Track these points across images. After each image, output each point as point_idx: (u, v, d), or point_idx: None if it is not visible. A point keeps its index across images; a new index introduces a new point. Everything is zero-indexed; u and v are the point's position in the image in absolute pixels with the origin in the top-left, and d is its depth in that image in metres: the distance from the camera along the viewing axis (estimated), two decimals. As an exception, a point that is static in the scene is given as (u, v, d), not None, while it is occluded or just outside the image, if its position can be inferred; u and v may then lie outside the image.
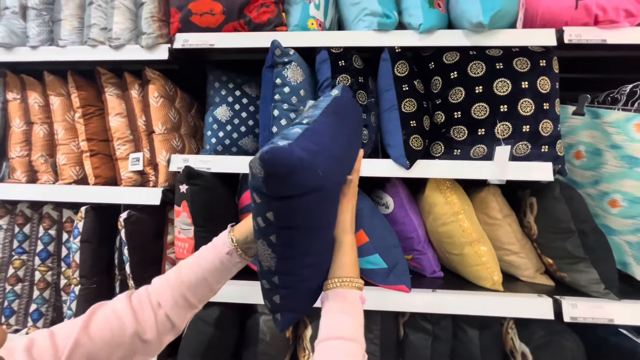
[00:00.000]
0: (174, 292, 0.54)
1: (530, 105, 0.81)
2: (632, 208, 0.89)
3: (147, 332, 0.50)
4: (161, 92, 1.01)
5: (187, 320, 0.57)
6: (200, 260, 0.58)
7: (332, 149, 0.50)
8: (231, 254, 0.58)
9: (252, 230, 0.57)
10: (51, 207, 1.03)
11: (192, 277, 0.56)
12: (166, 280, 0.56)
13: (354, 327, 0.50)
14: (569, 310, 0.81)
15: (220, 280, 0.59)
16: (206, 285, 0.57)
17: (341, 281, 0.53)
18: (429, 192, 0.93)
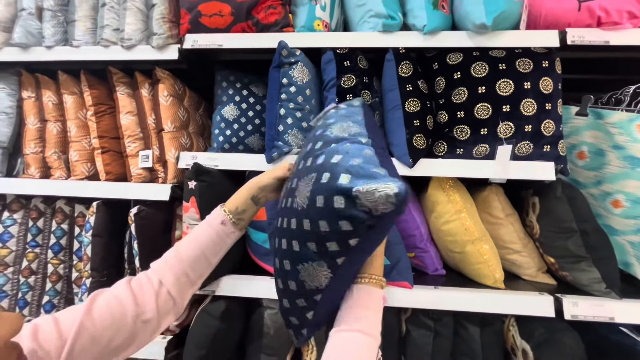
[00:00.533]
0: (174, 270, 0.58)
1: (533, 106, 0.82)
2: (635, 208, 0.89)
3: (147, 312, 0.53)
4: (170, 91, 1.04)
5: (187, 298, 0.61)
6: (197, 237, 0.62)
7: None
8: (225, 223, 0.63)
9: (241, 201, 0.65)
10: (64, 202, 1.06)
11: (190, 253, 0.60)
12: (165, 261, 0.59)
13: (373, 323, 0.51)
14: (570, 308, 0.82)
15: (217, 253, 0.63)
16: (204, 260, 0.61)
17: (370, 278, 0.54)
18: (432, 191, 0.94)
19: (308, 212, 0.45)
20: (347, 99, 0.89)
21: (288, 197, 0.51)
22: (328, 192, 0.42)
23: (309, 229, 0.45)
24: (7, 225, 1.05)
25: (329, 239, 0.44)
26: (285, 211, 0.51)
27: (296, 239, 0.48)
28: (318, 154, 0.49)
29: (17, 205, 1.07)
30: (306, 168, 0.49)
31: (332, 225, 0.42)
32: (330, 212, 0.42)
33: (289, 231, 0.49)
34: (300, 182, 0.48)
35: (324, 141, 0.51)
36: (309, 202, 0.44)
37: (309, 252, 0.46)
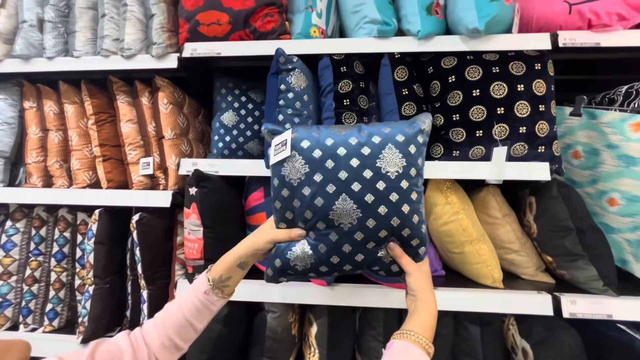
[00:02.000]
0: (160, 334, 0.60)
1: (526, 108, 0.84)
2: (630, 206, 0.90)
3: None
4: (170, 99, 1.06)
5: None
6: (182, 304, 0.63)
7: None
8: (208, 293, 0.63)
9: (226, 269, 0.64)
10: (66, 210, 1.08)
11: (174, 320, 0.62)
12: (154, 323, 0.62)
13: None
14: (568, 306, 0.83)
15: (202, 320, 0.64)
16: (189, 326, 0.62)
17: (417, 339, 0.54)
18: (430, 193, 0.95)
19: (409, 163, 0.60)
20: (345, 103, 0.90)
21: (357, 181, 0.60)
22: (412, 136, 0.62)
23: (414, 174, 0.61)
24: (10, 234, 1.06)
25: (420, 168, 0.62)
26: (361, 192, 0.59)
27: (407, 194, 0.60)
28: (368, 140, 0.61)
29: (20, 214, 1.09)
30: (367, 157, 0.60)
31: (422, 156, 0.63)
32: (419, 146, 0.62)
33: (380, 198, 0.59)
34: (378, 162, 0.60)
35: (352, 134, 0.63)
36: (406, 157, 0.60)
37: (419, 189, 0.62)
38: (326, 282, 0.91)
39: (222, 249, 0.92)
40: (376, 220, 0.58)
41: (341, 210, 0.58)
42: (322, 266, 0.62)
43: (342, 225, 0.59)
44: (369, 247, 0.60)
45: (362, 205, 0.58)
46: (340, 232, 0.60)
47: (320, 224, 0.60)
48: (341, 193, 0.58)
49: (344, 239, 0.60)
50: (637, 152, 0.88)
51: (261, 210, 0.95)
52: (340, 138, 0.62)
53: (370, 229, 0.59)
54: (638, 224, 0.90)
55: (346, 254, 0.61)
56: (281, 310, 0.92)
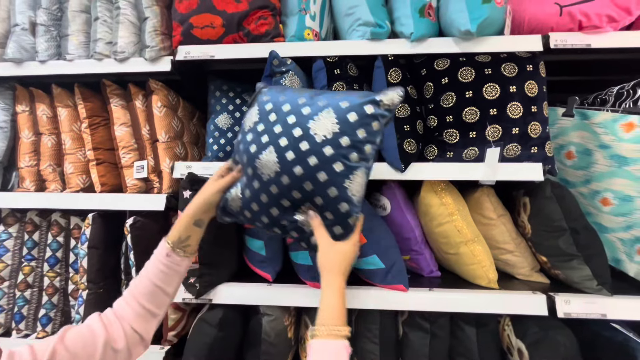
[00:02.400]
0: (132, 305, 0.62)
1: (519, 109, 0.84)
2: (623, 206, 0.91)
3: (117, 341, 0.57)
4: (164, 102, 1.05)
5: (152, 330, 0.64)
6: (147, 272, 0.65)
7: None
8: (170, 255, 0.66)
9: (184, 229, 0.67)
10: (59, 214, 1.07)
11: (143, 289, 0.63)
12: (123, 299, 0.63)
13: None
14: (563, 306, 0.83)
15: (170, 283, 0.66)
16: (160, 292, 0.64)
17: (329, 331, 0.55)
18: (424, 194, 0.96)
19: (342, 131, 0.58)
20: (338, 106, 0.90)
21: (285, 136, 0.61)
22: (356, 106, 0.59)
23: (345, 144, 0.58)
24: (3, 239, 1.05)
25: (365, 143, 0.59)
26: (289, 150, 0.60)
27: (328, 163, 0.58)
28: (313, 102, 0.62)
29: (12, 219, 1.08)
30: (304, 116, 0.61)
31: (366, 129, 0.59)
32: (363, 118, 0.59)
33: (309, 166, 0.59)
34: (310, 122, 0.60)
35: (305, 96, 0.64)
36: (341, 123, 0.59)
37: (351, 164, 0.59)
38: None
39: (217, 253, 0.92)
40: (290, 178, 0.60)
41: (265, 161, 0.61)
42: (247, 211, 0.66)
43: (263, 176, 0.62)
44: (284, 205, 0.62)
45: (282, 160, 0.60)
46: (261, 181, 0.63)
47: (250, 170, 0.64)
48: (269, 145, 0.61)
49: (262, 189, 0.63)
50: (629, 152, 0.89)
51: (256, 213, 0.95)
52: (292, 96, 0.64)
53: (284, 185, 0.60)
54: (631, 223, 0.91)
55: (263, 204, 0.64)
56: (277, 314, 0.92)
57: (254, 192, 0.64)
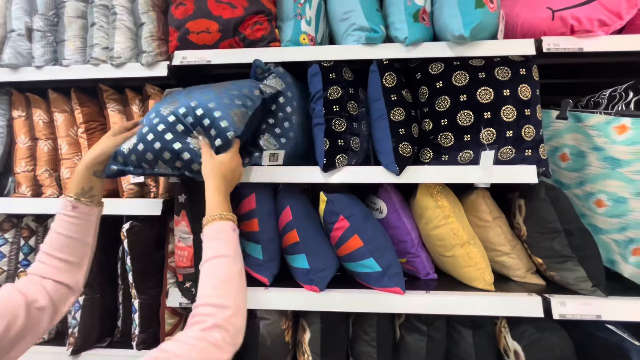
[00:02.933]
0: (50, 263, 0.63)
1: (513, 112, 0.85)
2: (617, 207, 0.92)
3: (39, 300, 0.57)
4: (161, 106, 1.05)
5: (81, 279, 0.66)
6: (56, 230, 0.66)
7: None
8: (77, 206, 0.68)
9: (84, 180, 0.70)
10: (56, 219, 1.06)
11: (56, 243, 0.65)
12: (38, 261, 0.64)
13: (225, 247, 0.61)
14: (558, 307, 0.84)
15: (86, 233, 0.69)
16: (77, 242, 0.66)
17: (213, 217, 0.63)
18: (420, 197, 0.96)
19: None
20: (334, 109, 0.91)
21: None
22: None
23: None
24: (-1, 245, 1.05)
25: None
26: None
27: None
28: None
29: (8, 225, 1.07)
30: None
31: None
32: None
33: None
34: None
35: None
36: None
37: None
38: (318, 289, 0.91)
39: (214, 256, 0.92)
40: (186, 108, 0.76)
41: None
42: (140, 145, 0.75)
43: (162, 110, 0.77)
44: (178, 129, 0.75)
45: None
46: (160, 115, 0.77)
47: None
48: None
49: (160, 121, 0.76)
50: (621, 154, 0.90)
51: (253, 217, 0.95)
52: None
53: (180, 114, 0.76)
54: (625, 225, 0.92)
55: (159, 131, 0.75)
56: (274, 317, 0.92)
57: (152, 126, 0.76)
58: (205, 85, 0.88)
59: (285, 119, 0.94)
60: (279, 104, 0.94)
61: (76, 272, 0.65)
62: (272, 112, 0.94)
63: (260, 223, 0.95)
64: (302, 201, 1.00)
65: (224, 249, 0.60)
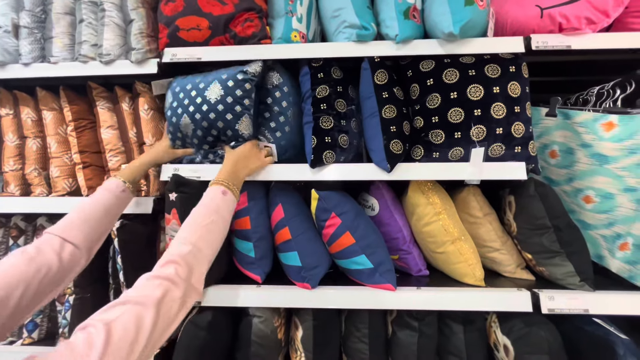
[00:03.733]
0: (82, 229, 0.68)
1: (502, 109, 0.86)
2: (605, 203, 0.93)
3: (52, 266, 0.60)
4: (151, 104, 1.05)
5: (94, 251, 0.73)
6: (100, 200, 0.76)
7: None
8: (126, 191, 0.82)
9: (139, 173, 0.89)
10: (45, 219, 1.05)
11: (96, 215, 0.73)
12: (70, 222, 0.69)
13: (207, 204, 0.72)
14: (547, 302, 0.85)
15: (117, 214, 0.81)
16: (107, 220, 0.76)
17: (212, 183, 0.77)
18: (412, 194, 0.97)
19: (226, 93, 0.90)
20: (322, 108, 0.91)
21: (192, 105, 0.93)
22: (232, 76, 0.91)
23: (230, 101, 0.89)
24: (-13, 245, 1.03)
25: (243, 98, 0.90)
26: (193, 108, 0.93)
27: (221, 114, 0.90)
28: (205, 79, 0.94)
29: (-3, 224, 1.06)
30: (200, 89, 0.93)
31: (241, 89, 0.90)
32: (237, 82, 0.90)
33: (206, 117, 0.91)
34: (206, 92, 0.91)
35: (201, 77, 0.97)
36: (223, 88, 0.90)
37: (236, 112, 0.90)
38: (310, 286, 0.91)
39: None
40: (201, 130, 0.92)
41: (184, 124, 0.93)
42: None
43: (186, 133, 0.95)
44: (208, 140, 0.96)
45: (193, 120, 0.91)
46: (187, 136, 0.96)
47: (178, 133, 0.96)
48: (183, 113, 0.92)
49: (192, 136, 0.95)
50: (609, 150, 0.91)
51: (245, 215, 0.95)
52: (192, 79, 0.95)
53: (199, 136, 0.94)
54: (613, 220, 0.93)
55: (197, 143, 0.97)
56: (266, 315, 0.92)
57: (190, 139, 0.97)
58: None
59: (280, 113, 0.94)
60: (275, 98, 0.94)
61: (95, 245, 0.72)
62: (268, 106, 0.94)
63: (252, 221, 0.95)
64: (294, 199, 1.00)
65: (205, 204, 0.71)
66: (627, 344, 0.74)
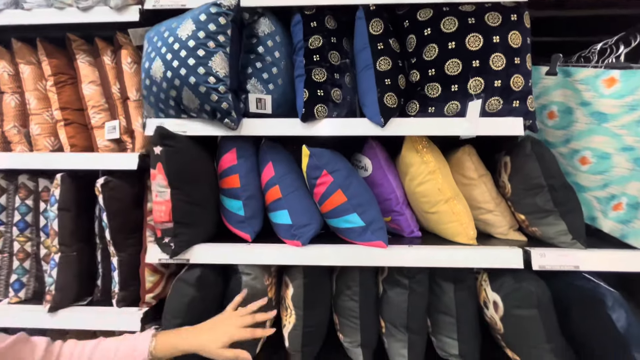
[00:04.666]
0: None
1: (502, 60, 0.82)
2: (600, 164, 0.92)
3: None
4: (134, 57, 0.99)
5: None
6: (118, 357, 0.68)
7: None
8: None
9: (171, 354, 0.72)
10: (27, 177, 1.02)
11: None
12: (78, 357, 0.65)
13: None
14: (538, 259, 0.84)
15: None
16: None
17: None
18: (405, 152, 0.94)
19: (198, 28, 0.83)
20: (314, 59, 0.87)
21: (164, 47, 0.86)
22: (205, 8, 0.84)
23: (202, 36, 0.82)
24: (-33, 204, 1.00)
25: (217, 34, 0.83)
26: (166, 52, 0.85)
27: (193, 50, 0.82)
28: (179, 19, 0.87)
29: (-24, 183, 1.02)
30: (173, 28, 0.86)
31: (215, 23, 0.83)
32: (210, 15, 0.83)
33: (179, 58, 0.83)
34: (178, 30, 0.85)
35: (176, 19, 0.89)
36: (196, 23, 0.83)
37: (209, 49, 0.83)
38: (301, 243, 0.90)
39: (192, 212, 0.89)
40: (171, 71, 0.83)
41: (155, 68, 0.85)
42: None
43: (155, 78, 0.86)
44: (172, 94, 0.86)
45: (164, 61, 0.83)
46: (155, 82, 0.87)
47: (147, 80, 0.89)
48: (156, 56, 0.85)
49: (157, 86, 0.87)
50: (608, 108, 0.88)
51: (234, 173, 0.92)
52: (168, 23, 0.88)
53: (168, 78, 0.83)
54: (608, 181, 0.92)
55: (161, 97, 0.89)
56: (256, 272, 0.91)
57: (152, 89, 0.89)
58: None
59: (273, 64, 0.90)
60: (267, 47, 0.89)
61: None
62: (260, 56, 0.89)
63: (242, 179, 0.93)
64: (285, 157, 0.97)
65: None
66: (615, 296, 0.74)
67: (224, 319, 0.79)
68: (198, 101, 0.83)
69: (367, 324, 0.92)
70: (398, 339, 0.91)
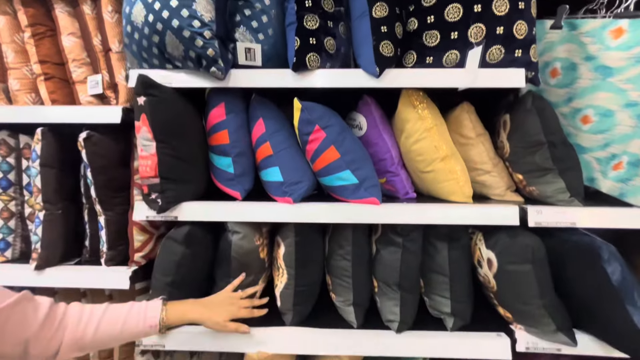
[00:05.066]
0: (79, 340, 0.63)
1: (505, 4, 0.77)
2: (603, 122, 0.89)
3: (36, 347, 0.59)
4: (115, 6, 0.93)
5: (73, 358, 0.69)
6: (125, 325, 0.68)
7: None
8: (154, 329, 0.72)
9: (180, 322, 0.77)
10: (7, 133, 0.98)
11: (106, 337, 0.66)
12: (85, 323, 0.65)
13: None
14: (534, 215, 0.82)
15: (124, 342, 0.72)
16: (112, 346, 0.73)
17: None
18: (402, 107, 0.91)
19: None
20: (306, 5, 0.82)
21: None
22: None
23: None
24: (-53, 162, 0.96)
25: None
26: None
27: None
28: None
29: (-45, 140, 0.98)
30: None
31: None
32: None
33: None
34: None
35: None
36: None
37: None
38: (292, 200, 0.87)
39: (179, 167, 0.86)
40: (153, 14, 0.77)
41: (135, 12, 0.80)
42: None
43: (136, 24, 0.81)
44: (154, 40, 0.81)
45: (145, 4, 0.78)
46: (136, 28, 0.81)
47: (128, 26, 0.83)
48: (137, 0, 0.79)
49: (139, 32, 0.81)
50: (614, 61, 0.85)
51: (223, 128, 0.89)
52: None
53: (150, 22, 0.78)
54: (609, 141, 0.89)
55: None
56: (246, 231, 0.89)
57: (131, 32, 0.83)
58: None
59: (263, 12, 0.85)
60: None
61: (76, 354, 0.65)
62: (249, 2, 0.84)
63: (231, 135, 0.89)
64: (276, 113, 0.93)
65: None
66: (611, 250, 0.73)
67: (227, 297, 0.85)
68: (182, 47, 0.78)
69: (360, 282, 0.91)
70: (390, 297, 0.90)
